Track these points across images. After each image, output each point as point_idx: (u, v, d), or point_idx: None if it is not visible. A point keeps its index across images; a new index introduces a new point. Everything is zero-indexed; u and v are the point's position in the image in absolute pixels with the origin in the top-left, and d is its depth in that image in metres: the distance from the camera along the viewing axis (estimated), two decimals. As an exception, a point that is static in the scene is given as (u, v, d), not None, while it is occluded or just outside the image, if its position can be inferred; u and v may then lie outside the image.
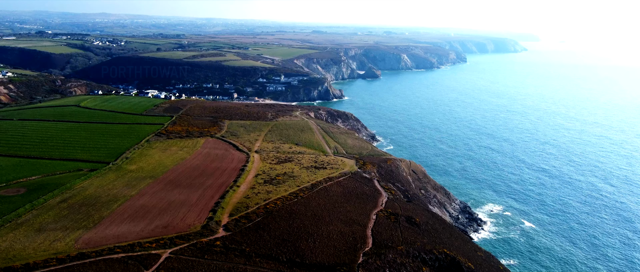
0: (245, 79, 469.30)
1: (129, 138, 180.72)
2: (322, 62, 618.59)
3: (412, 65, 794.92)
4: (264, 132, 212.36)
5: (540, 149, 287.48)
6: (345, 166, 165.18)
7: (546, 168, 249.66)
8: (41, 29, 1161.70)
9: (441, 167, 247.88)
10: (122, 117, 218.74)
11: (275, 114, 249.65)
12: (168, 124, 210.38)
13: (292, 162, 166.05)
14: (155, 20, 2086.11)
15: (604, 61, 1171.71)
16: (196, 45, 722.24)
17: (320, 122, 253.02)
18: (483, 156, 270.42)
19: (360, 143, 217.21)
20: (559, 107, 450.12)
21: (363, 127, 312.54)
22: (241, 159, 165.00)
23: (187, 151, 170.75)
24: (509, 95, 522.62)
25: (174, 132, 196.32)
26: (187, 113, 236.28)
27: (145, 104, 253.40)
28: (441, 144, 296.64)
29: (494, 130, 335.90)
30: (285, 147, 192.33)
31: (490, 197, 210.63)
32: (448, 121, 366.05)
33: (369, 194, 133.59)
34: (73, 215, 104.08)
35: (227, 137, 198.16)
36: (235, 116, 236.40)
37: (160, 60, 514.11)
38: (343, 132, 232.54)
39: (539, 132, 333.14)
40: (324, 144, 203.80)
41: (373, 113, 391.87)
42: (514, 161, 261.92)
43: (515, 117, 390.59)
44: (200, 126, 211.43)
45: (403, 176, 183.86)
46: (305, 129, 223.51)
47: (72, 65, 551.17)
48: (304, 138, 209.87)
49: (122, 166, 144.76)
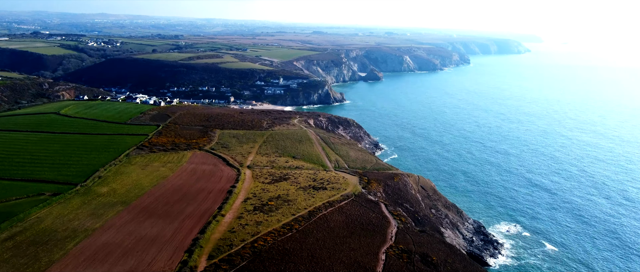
0: (242, 82, 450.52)
1: (107, 152, 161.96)
2: (323, 64, 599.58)
3: (414, 67, 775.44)
4: (259, 144, 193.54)
5: (552, 161, 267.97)
6: (348, 185, 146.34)
7: (561, 182, 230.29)
8: (38, 29, 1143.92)
9: (448, 178, 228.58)
10: (103, 127, 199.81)
11: (272, 122, 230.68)
12: (153, 134, 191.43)
13: (288, 180, 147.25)
14: (155, 21, 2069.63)
15: (609, 63, 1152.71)
16: (193, 46, 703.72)
17: (320, 131, 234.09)
18: (492, 166, 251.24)
19: (363, 155, 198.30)
20: (569, 112, 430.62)
21: (365, 134, 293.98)
22: (230, 177, 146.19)
23: (170, 167, 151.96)
24: (516, 99, 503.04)
25: (158, 144, 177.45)
26: (175, 121, 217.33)
27: (131, 111, 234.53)
28: (446, 152, 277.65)
29: (502, 138, 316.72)
30: (281, 161, 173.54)
31: (504, 214, 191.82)
32: (453, 127, 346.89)
33: (376, 224, 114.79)
34: (16, 259, 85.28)
35: (217, 150, 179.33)
36: (227, 125, 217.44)
37: (154, 62, 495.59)
38: (345, 142, 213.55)
39: (549, 141, 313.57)
40: (324, 157, 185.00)
41: (375, 118, 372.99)
42: (525, 172, 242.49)
43: (524, 124, 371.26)
44: (189, 137, 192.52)
45: (412, 194, 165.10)
46: (303, 139, 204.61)
47: (64, 67, 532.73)
48: (302, 150, 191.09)
49: (92, 188, 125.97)
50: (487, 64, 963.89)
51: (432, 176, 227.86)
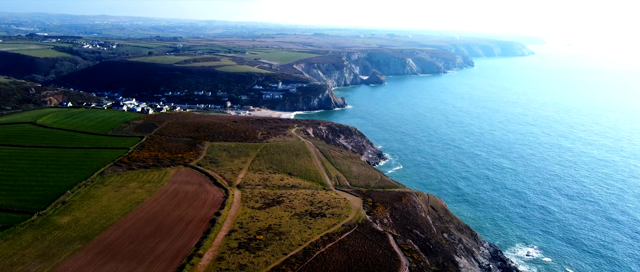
0: (240, 86, 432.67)
1: (79, 170, 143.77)
2: (323, 67, 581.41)
3: (417, 70, 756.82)
4: (252, 158, 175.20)
5: (568, 171, 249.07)
6: (350, 211, 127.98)
7: (577, 195, 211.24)
8: (37, 31, 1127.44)
9: (457, 192, 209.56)
10: (81, 139, 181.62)
11: (267, 133, 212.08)
12: (134, 147, 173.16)
13: (281, 204, 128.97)
14: (156, 23, 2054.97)
15: (616, 65, 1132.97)
16: (191, 48, 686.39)
17: (320, 142, 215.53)
18: (502, 178, 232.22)
19: (366, 170, 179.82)
20: (581, 118, 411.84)
21: (368, 143, 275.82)
22: (216, 201, 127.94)
23: (148, 189, 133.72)
24: (525, 104, 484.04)
25: (138, 159, 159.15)
26: (161, 132, 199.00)
27: (115, 120, 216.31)
28: (454, 161, 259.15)
29: (512, 146, 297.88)
30: (275, 179, 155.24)
31: (520, 234, 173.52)
32: (460, 134, 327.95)
33: (384, 264, 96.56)
34: None
35: (204, 166, 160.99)
36: (218, 136, 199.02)
37: (149, 66, 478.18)
38: (346, 156, 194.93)
39: (563, 149, 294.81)
40: (324, 174, 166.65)
41: (378, 124, 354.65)
42: (539, 185, 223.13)
43: (535, 129, 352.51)
44: (174, 150, 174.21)
45: (422, 217, 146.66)
46: (301, 153, 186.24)
47: (57, 70, 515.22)
48: (299, 165, 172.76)
49: (51, 218, 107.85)
50: (492, 67, 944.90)
51: (439, 189, 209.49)
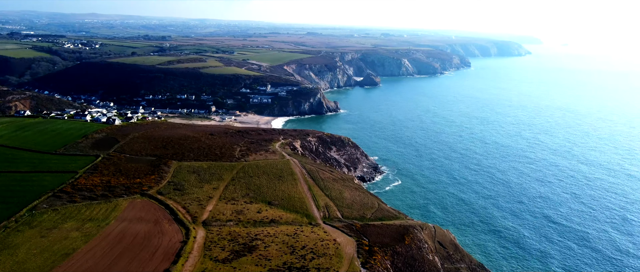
0: (226, 89, 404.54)
1: (4, 205, 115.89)
2: (316, 69, 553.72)
3: (413, 71, 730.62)
4: (225, 182, 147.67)
5: (590, 185, 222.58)
6: (341, 262, 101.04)
7: (603, 219, 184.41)
8: (22, 29, 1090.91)
9: (466, 216, 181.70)
10: (23, 160, 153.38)
11: (247, 149, 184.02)
12: (85, 171, 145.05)
13: (254, 252, 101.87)
14: (147, 21, 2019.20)
15: (615, 66, 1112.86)
16: (178, 48, 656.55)
17: (307, 160, 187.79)
18: (513, 193, 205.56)
19: (361, 196, 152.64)
20: (596, 123, 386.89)
21: (363, 155, 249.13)
22: (170, 249, 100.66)
23: (87, 231, 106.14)
24: (529, 107, 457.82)
25: (85, 188, 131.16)
26: (122, 149, 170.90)
27: (72, 134, 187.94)
28: (458, 174, 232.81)
29: (520, 156, 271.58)
30: (251, 211, 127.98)
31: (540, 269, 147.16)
32: (462, 142, 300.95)
33: None
34: None
35: (166, 195, 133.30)
36: (188, 154, 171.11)
37: (130, 67, 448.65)
38: (338, 177, 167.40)
39: (576, 157, 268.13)
40: (310, 202, 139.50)
41: (374, 132, 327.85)
42: (557, 203, 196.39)
43: (542, 136, 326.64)
44: (132, 174, 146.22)
45: (429, 261, 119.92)
46: (284, 174, 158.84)
47: (33, 71, 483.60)
48: (281, 192, 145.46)
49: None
50: (489, 68, 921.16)
51: (444, 208, 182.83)
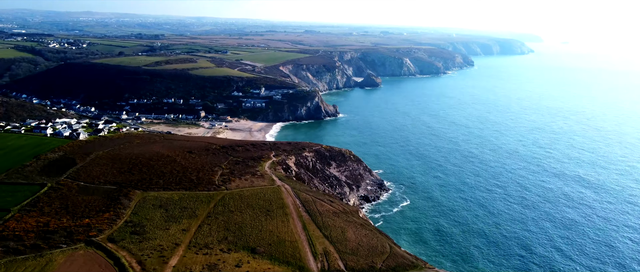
0: (216, 93, 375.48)
1: None
2: (313, 69, 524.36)
3: (415, 70, 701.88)
4: (199, 220, 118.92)
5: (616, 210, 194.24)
6: None
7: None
8: (15, 28, 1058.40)
9: (494, 247, 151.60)
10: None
11: (230, 172, 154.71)
12: (20, 208, 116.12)
13: None
14: (143, 19, 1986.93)
15: (616, 65, 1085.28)
16: (170, 47, 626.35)
17: (302, 187, 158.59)
18: (543, 214, 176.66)
19: (368, 237, 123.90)
20: (618, 128, 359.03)
21: (366, 170, 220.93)
22: None
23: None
24: (542, 110, 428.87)
25: (13, 235, 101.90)
26: (77, 174, 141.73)
27: (22, 153, 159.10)
28: (474, 190, 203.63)
29: (546, 167, 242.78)
30: (229, 265, 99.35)
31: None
32: (475, 151, 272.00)
33: None
34: None
35: (119, 242, 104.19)
36: (158, 180, 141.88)
37: (114, 68, 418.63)
38: (339, 210, 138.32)
39: (613, 166, 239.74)
40: (305, 248, 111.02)
41: (376, 139, 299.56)
42: (598, 225, 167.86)
43: (560, 144, 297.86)
44: (81, 212, 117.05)
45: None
46: (274, 208, 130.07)
47: (13, 72, 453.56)
48: (270, 232, 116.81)
49: None
50: (493, 66, 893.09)
51: (467, 235, 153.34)
